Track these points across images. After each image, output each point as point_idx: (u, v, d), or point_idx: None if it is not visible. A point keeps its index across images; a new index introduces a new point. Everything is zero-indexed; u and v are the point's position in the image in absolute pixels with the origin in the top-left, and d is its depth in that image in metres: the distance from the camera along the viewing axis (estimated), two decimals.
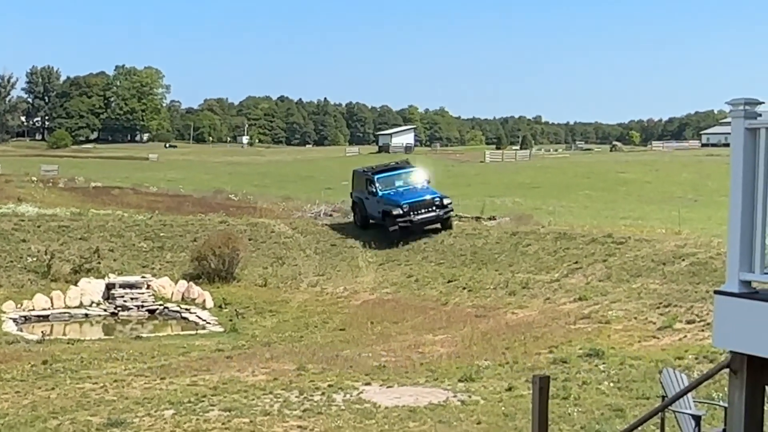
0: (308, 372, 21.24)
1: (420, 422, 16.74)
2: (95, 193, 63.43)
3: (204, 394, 19.29)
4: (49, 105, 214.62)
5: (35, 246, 35.98)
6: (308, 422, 16.91)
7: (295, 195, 68.15)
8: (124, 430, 16.55)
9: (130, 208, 50.60)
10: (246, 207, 55.22)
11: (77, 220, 40.07)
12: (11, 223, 38.43)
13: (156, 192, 67.53)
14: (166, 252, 37.45)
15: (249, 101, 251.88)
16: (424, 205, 36.77)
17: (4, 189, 59.56)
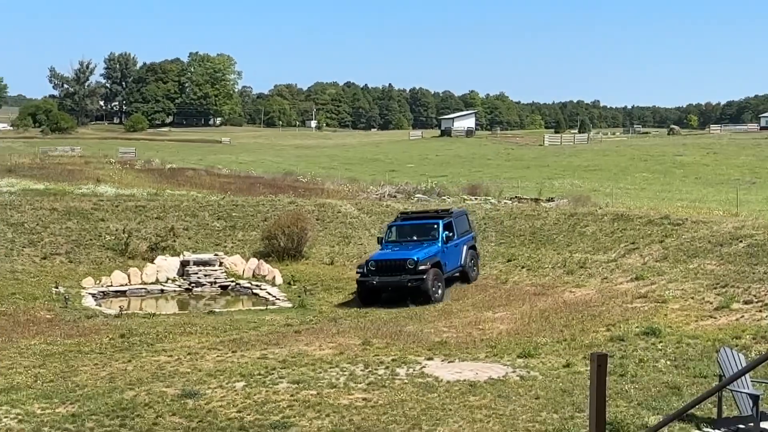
0: (373, 346, 21.33)
1: (480, 396, 16.73)
2: (170, 175, 64.11)
3: (273, 366, 19.47)
4: (126, 90, 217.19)
5: (113, 225, 36.49)
6: (373, 395, 16.98)
7: (360, 177, 68.31)
8: (197, 401, 16.74)
9: (203, 189, 51.19)
10: (314, 188, 55.52)
11: (153, 201, 40.57)
12: (91, 202, 38.99)
13: (228, 174, 68.11)
14: (237, 231, 37.79)
15: (317, 87, 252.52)
16: (394, 267, 27.79)
17: (84, 170, 60.54)
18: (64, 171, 58.98)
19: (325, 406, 16.23)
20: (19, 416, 15.75)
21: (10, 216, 35.28)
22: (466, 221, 31.61)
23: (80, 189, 44.53)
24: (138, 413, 16.02)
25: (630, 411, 15.18)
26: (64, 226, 35.59)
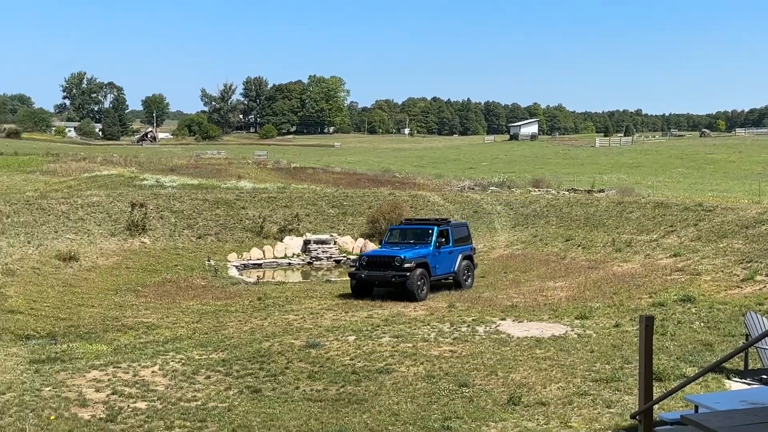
0: (457, 309, 21.30)
1: (544, 349, 16.57)
2: (294, 172, 64.92)
3: (378, 324, 19.59)
4: (259, 106, 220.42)
5: (251, 212, 37.12)
6: (457, 347, 16.96)
7: (445, 173, 68.13)
8: (318, 351, 16.95)
9: (320, 183, 51.65)
10: (407, 182, 55.53)
11: (282, 193, 41.12)
12: (233, 194, 39.73)
13: (339, 171, 68.62)
14: (348, 216, 38.05)
15: (409, 101, 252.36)
16: (382, 263, 24.44)
17: (228, 169, 61.64)
18: (213, 170, 60.19)
19: (419, 356, 16.28)
20: (182, 360, 16.18)
21: (173, 205, 36.18)
22: (466, 233, 27.11)
23: (225, 184, 45.36)
24: (273, 359, 16.30)
25: (670, 363, 14.87)
26: (214, 213, 36.33)
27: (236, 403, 13.48)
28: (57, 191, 38.26)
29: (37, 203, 32.49)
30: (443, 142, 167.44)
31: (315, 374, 15.18)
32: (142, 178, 47.90)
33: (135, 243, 31.56)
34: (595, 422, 12.05)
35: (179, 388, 14.38)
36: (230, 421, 12.49)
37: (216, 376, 15.19)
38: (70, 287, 24.00)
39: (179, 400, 13.70)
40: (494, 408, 12.91)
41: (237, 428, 12.10)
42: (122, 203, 34.45)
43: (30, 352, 17.02)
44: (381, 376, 14.93)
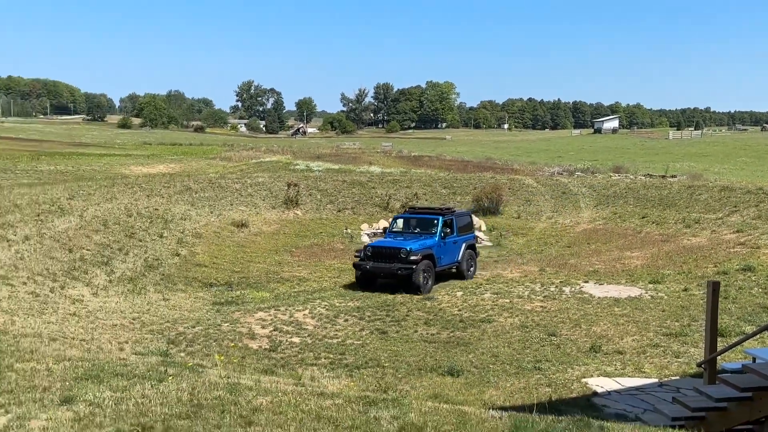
0: (546, 272, 20.86)
1: (622, 308, 16.02)
2: (414, 160, 64.92)
3: (480, 283, 19.45)
4: (386, 106, 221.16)
5: (379, 191, 37.40)
6: (547, 304, 16.64)
7: (537, 161, 66.47)
8: (432, 302, 17.01)
9: (434, 168, 51.42)
10: (506, 168, 54.53)
11: (404, 176, 41.22)
12: (366, 177, 40.14)
13: (450, 159, 68.09)
14: (457, 195, 37.76)
15: (508, 101, 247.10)
16: (388, 255, 19.49)
17: (362, 157, 62.31)
18: (350, 157, 61.02)
19: (515, 309, 16.08)
20: (326, 306, 16.58)
21: (319, 185, 36.93)
22: (469, 222, 22.58)
23: (359, 168, 45.86)
24: (396, 308, 16.49)
25: (732, 322, 14.10)
26: (350, 191, 36.85)
27: (368, 341, 13.73)
28: (232, 173, 39.76)
29: (217, 182, 33.89)
30: (536, 135, 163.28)
31: (430, 321, 15.26)
32: (295, 163, 49.09)
33: (290, 214, 32.44)
34: (666, 369, 11.60)
35: (324, 327, 14.77)
36: (363, 354, 12.75)
37: (352, 319, 15.50)
38: (242, 247, 24.95)
39: (324, 337, 14.08)
40: (578, 354, 12.62)
41: (369, 360, 12.33)
42: (280, 183, 35.43)
43: (213, 296, 17.87)
44: (483, 324, 14.85)
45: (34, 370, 7.60)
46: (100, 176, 33.92)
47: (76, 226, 20.82)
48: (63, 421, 5.39)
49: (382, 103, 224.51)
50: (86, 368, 7.79)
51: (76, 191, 25.48)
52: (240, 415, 5.53)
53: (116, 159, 47.40)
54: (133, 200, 26.39)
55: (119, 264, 19.09)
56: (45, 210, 21.53)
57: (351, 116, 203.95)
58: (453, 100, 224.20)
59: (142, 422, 5.28)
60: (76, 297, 15.26)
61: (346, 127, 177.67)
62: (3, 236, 17.79)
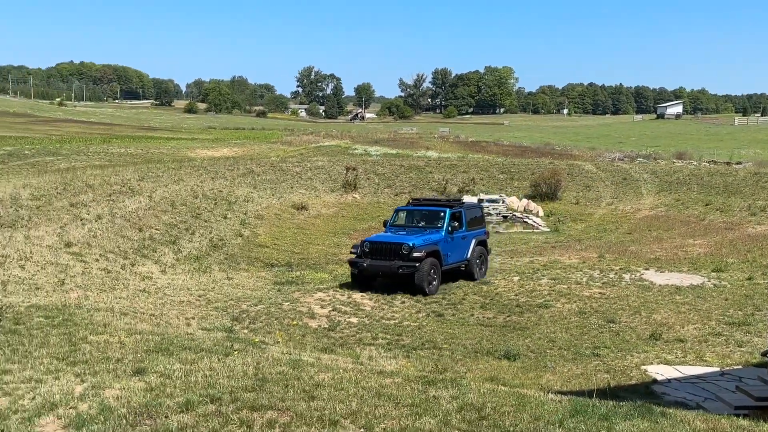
0: (606, 259, 20.43)
1: (683, 296, 15.59)
2: (471, 145, 64.28)
3: (537, 268, 19.19)
4: (444, 91, 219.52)
5: (436, 175, 37.26)
6: (606, 290, 16.32)
7: (597, 146, 64.97)
8: (489, 287, 16.89)
9: (492, 153, 50.85)
10: (565, 154, 53.50)
11: (461, 161, 40.94)
12: (423, 162, 40.02)
13: (507, 144, 67.16)
14: (514, 181, 37.32)
15: (568, 86, 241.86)
16: (387, 251, 16.75)
17: (419, 142, 62.09)
18: (407, 142, 60.89)
19: (573, 295, 15.83)
20: (381, 289, 16.68)
21: (377, 169, 37.05)
22: (480, 215, 19.80)
23: (416, 153, 45.72)
24: (453, 292, 16.45)
25: None
26: (408, 176, 36.84)
27: (424, 323, 13.76)
28: (292, 157, 40.24)
29: (278, 166, 34.38)
30: (596, 121, 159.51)
31: (486, 305, 15.17)
32: (353, 148, 49.31)
33: (348, 197, 32.66)
34: (728, 358, 11.25)
35: (381, 309, 14.87)
36: (420, 336, 12.79)
37: (409, 301, 15.55)
38: (302, 229, 25.28)
39: (381, 318, 14.18)
40: (637, 341, 12.36)
41: (425, 342, 12.36)
42: (339, 167, 35.68)
43: (274, 276, 18.18)
44: (540, 309, 14.68)
45: (107, 343, 7.91)
46: (167, 159, 34.84)
47: (146, 206, 21.47)
48: (135, 391, 5.60)
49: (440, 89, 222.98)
50: (156, 342, 8.07)
51: (145, 173, 26.25)
52: (303, 389, 5.64)
53: (183, 143, 48.58)
54: (199, 182, 27.02)
55: (186, 243, 19.62)
56: (116, 191, 22.27)
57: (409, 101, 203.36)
58: (511, 85, 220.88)
59: (210, 393, 5.43)
60: (146, 274, 15.77)
61: (404, 113, 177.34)
62: (77, 215, 18.50)
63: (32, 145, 38.08)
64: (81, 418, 4.90)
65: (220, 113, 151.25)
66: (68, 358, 6.91)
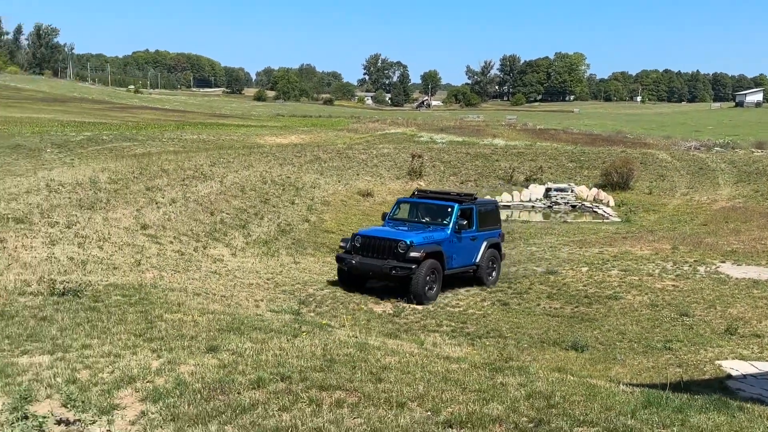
0: (680, 250, 19.77)
1: (761, 290, 14.94)
2: (539, 133, 63.14)
3: (607, 259, 18.76)
4: (512, 78, 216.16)
5: (503, 164, 36.83)
6: (679, 283, 15.81)
7: (672, 135, 62.80)
8: (556, 277, 16.63)
9: (561, 142, 49.79)
10: (638, 142, 51.91)
11: (528, 149, 40.31)
12: (489, 150, 39.62)
13: (577, 132, 65.65)
14: (584, 169, 36.52)
15: (642, 73, 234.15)
16: (380, 248, 14.55)
17: (485, 129, 61.40)
18: (473, 130, 60.30)
19: (644, 287, 15.41)
20: None
21: (442, 156, 36.91)
22: (495, 214, 17.12)
23: (483, 141, 45.25)
24: (519, 281, 16.27)
25: None
26: (473, 164, 36.55)
27: (489, 312, 13.66)
28: (358, 144, 40.48)
29: (344, 153, 34.66)
30: (671, 108, 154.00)
31: (553, 295, 14.94)
32: (419, 135, 49.20)
33: (413, 185, 32.64)
34: None
35: (445, 296, 14.84)
36: (485, 325, 12.70)
37: (474, 290, 15.46)
38: (367, 216, 25.45)
39: (446, 305, 14.15)
40: (712, 336, 11.94)
41: (490, 331, 12.28)
42: (405, 154, 35.69)
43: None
44: (610, 301, 14.35)
45: (181, 321, 8.19)
46: (238, 145, 35.61)
47: (217, 191, 22.04)
48: (209, 367, 5.77)
49: (507, 76, 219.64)
50: (228, 321, 8.29)
51: (216, 159, 26.92)
52: (370, 371, 5.70)
53: (252, 129, 49.55)
54: (268, 168, 27.52)
55: (255, 228, 20.05)
56: (189, 175, 22.93)
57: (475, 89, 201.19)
58: (582, 71, 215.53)
59: (280, 372, 5.55)
60: (217, 257, 16.20)
61: (470, 100, 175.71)
62: (152, 199, 19.15)
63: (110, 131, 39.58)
64: (158, 392, 5.09)
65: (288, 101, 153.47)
66: (145, 335, 7.18)
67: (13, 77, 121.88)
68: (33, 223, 13.96)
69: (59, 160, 28.16)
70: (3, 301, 8.79)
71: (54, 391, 5.16)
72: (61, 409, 4.85)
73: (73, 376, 5.52)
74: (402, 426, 4.42)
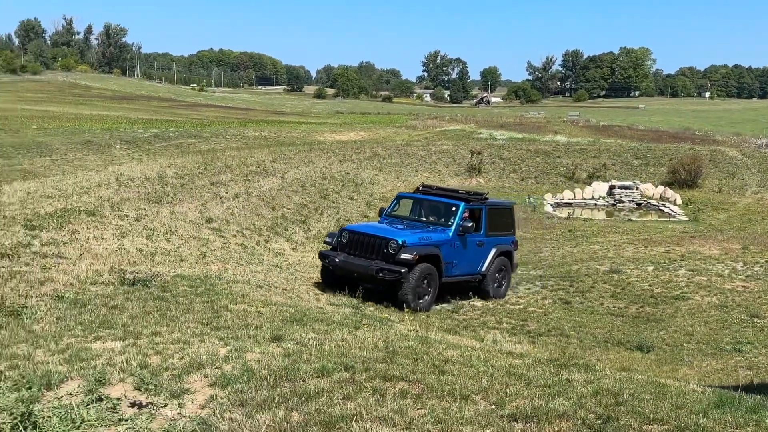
0: (750, 251, 19.04)
1: None
2: (602, 129, 61.74)
3: (674, 258, 18.23)
4: (574, 74, 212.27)
5: (565, 160, 36.22)
6: (750, 284, 15.23)
7: (742, 132, 60.52)
8: (620, 276, 16.26)
9: (625, 139, 48.58)
10: (706, 139, 50.22)
11: (591, 146, 39.50)
12: (551, 146, 39.01)
13: (643, 129, 63.90)
14: (650, 167, 35.54)
15: (711, 68, 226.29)
16: (368, 247, 12.78)
17: (546, 126, 60.47)
18: (534, 126, 59.43)
19: (713, 288, 14.91)
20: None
21: (502, 153, 36.53)
22: (508, 218, 15.05)
23: (544, 138, 44.56)
24: (581, 280, 15.98)
25: None
26: (534, 161, 36.06)
27: (551, 310, 13.48)
28: (417, 141, 40.46)
29: (403, 149, 34.70)
30: (741, 105, 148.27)
31: (617, 294, 14.62)
32: (478, 132, 48.80)
33: (473, 182, 32.43)
34: None
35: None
36: (546, 323, 12.54)
37: (534, 287, 15.28)
38: None
39: (506, 302, 14.03)
40: None
41: (551, 329, 12.11)
42: (464, 151, 35.48)
43: None
44: (677, 301, 13.95)
45: (245, 312, 8.37)
46: (298, 142, 36.11)
47: (278, 186, 22.40)
48: (274, 356, 5.89)
49: (570, 71, 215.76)
50: (290, 313, 8.43)
51: (278, 155, 27.37)
52: (432, 364, 5.71)
53: (312, 127, 50.15)
54: (327, 165, 27.81)
55: (314, 223, 20.30)
56: (251, 171, 23.38)
57: (536, 85, 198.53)
58: (648, 66, 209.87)
59: (344, 362, 5.62)
60: (278, 251, 16.48)
61: (531, 96, 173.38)
62: (216, 193, 19.61)
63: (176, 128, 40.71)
64: (226, 378, 5.22)
65: (347, 98, 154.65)
66: (211, 324, 7.37)
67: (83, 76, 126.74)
68: (104, 216, 14.48)
69: (128, 155, 29.15)
70: (76, 289, 9.16)
71: (126, 375, 5.35)
72: (134, 393, 5.03)
73: (145, 362, 5.72)
74: (467, 418, 4.41)
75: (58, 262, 10.61)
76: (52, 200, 15.35)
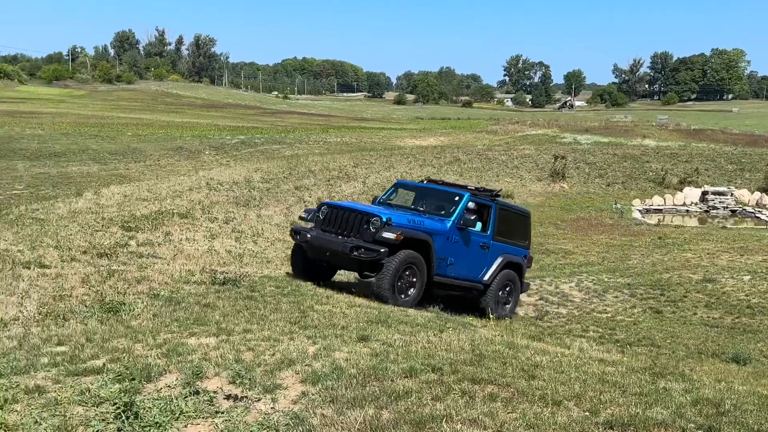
0: None
1: None
2: (693, 133, 59.40)
3: None
4: (664, 76, 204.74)
5: (654, 165, 35.05)
6: None
7: None
8: (714, 285, 15.56)
9: (718, 143, 46.51)
10: None
11: (682, 150, 38.06)
12: (638, 151, 37.87)
13: (737, 133, 60.99)
14: (745, 172, 33.91)
15: None
16: (346, 223, 10.53)
17: (634, 130, 58.60)
18: (621, 130, 57.69)
19: None
20: (593, 280, 16.07)
21: (587, 158, 35.69)
22: (523, 226, 12.73)
23: (631, 142, 43.23)
24: (672, 288, 15.39)
25: None
26: (621, 165, 35.05)
27: (640, 320, 13.05)
28: (498, 146, 40.04)
29: (484, 154, 34.44)
30: None
31: (711, 304, 14.00)
32: (561, 136, 47.85)
33: (556, 187, 31.83)
34: None
35: (591, 301, 14.34)
36: (635, 332, 12.15)
37: (622, 296, 14.83)
38: None
39: (592, 311, 13.68)
40: None
41: (641, 339, 11.72)
42: (547, 156, 34.87)
43: None
44: None
45: (331, 312, 8.50)
46: (379, 147, 36.43)
47: (360, 190, 22.67)
48: (362, 355, 5.96)
49: (658, 74, 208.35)
50: (375, 314, 8.51)
51: (359, 160, 27.70)
52: (521, 368, 5.63)
53: (392, 132, 50.48)
54: (408, 169, 27.92)
55: None
56: (334, 176, 23.76)
57: (623, 88, 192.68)
58: (742, 68, 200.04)
59: (431, 363, 5.63)
60: None
61: (617, 100, 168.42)
62: (300, 197, 20.04)
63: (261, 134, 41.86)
64: (316, 375, 5.33)
65: (427, 104, 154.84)
66: (299, 323, 7.53)
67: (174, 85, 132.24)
68: (195, 218, 15.06)
69: (216, 161, 30.19)
70: (171, 288, 9.55)
71: (221, 370, 5.54)
72: (229, 386, 5.20)
73: (239, 357, 5.90)
74: (560, 424, 4.32)
75: (153, 261, 11.11)
76: (147, 203, 16.07)
